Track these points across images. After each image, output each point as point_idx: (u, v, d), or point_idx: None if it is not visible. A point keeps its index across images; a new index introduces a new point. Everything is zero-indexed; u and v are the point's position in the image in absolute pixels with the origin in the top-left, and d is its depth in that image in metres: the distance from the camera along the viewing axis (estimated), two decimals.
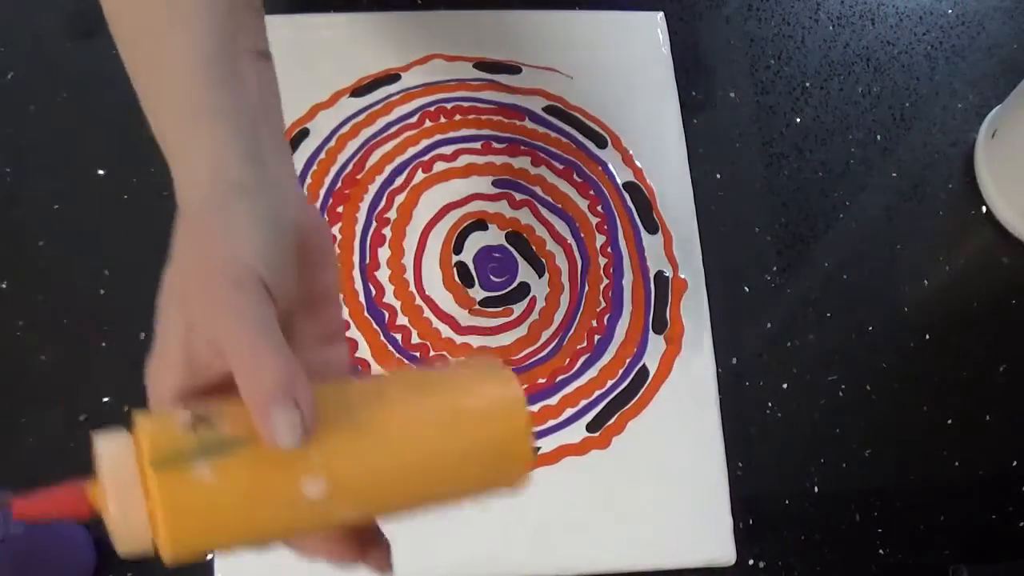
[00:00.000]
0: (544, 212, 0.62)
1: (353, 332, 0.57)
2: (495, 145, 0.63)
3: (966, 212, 0.66)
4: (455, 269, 0.60)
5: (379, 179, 0.62)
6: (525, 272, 0.60)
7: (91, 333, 0.57)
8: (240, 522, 0.29)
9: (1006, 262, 0.64)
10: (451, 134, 0.63)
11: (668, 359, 0.58)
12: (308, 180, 0.61)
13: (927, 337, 0.61)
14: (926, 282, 0.63)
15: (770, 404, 0.59)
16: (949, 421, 0.59)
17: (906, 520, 0.56)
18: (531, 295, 0.60)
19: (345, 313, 0.58)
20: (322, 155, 0.62)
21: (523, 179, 0.63)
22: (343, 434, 0.30)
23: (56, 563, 0.48)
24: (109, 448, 0.28)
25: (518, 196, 0.62)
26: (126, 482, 0.27)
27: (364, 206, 0.61)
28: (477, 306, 0.59)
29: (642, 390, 0.57)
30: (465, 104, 0.64)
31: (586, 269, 0.60)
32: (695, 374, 0.58)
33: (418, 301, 0.59)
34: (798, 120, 0.67)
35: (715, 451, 0.56)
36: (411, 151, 0.63)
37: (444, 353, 0.57)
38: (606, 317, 0.59)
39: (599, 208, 0.62)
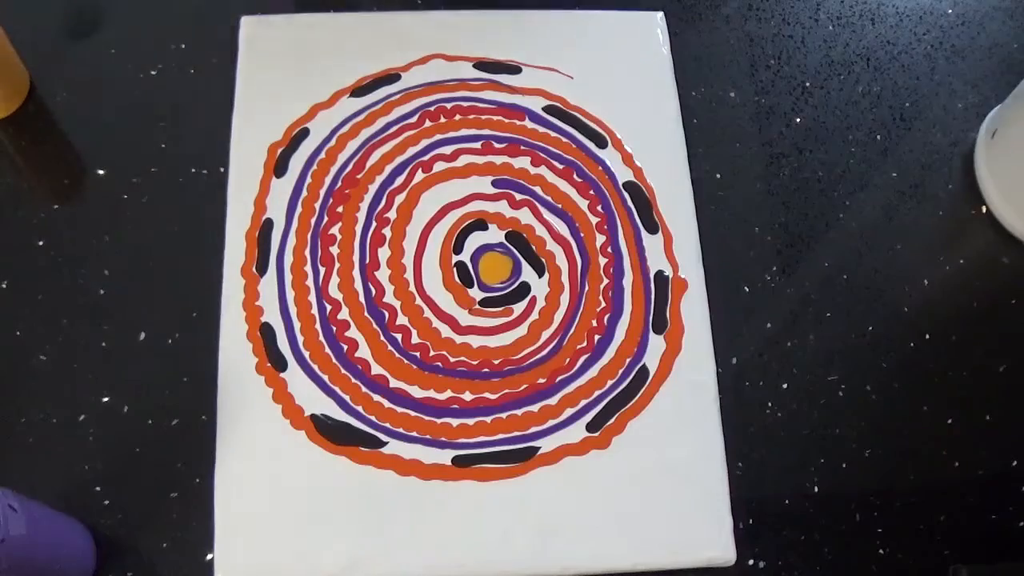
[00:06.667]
0: (544, 212, 0.62)
1: (353, 332, 0.57)
2: (495, 145, 0.63)
3: (966, 212, 0.66)
4: (455, 269, 0.60)
5: (379, 179, 0.62)
6: (525, 272, 0.60)
7: (91, 333, 0.57)
8: None
9: (1006, 262, 0.64)
10: (451, 134, 0.63)
11: (668, 359, 0.58)
12: (308, 180, 0.61)
13: (927, 337, 0.61)
14: (926, 282, 0.63)
15: (770, 404, 0.59)
16: (949, 421, 0.59)
17: (906, 520, 0.56)
18: (531, 295, 0.60)
19: (345, 313, 0.58)
20: (322, 155, 0.62)
21: (523, 179, 0.63)
22: None
23: (56, 563, 0.48)
24: None
25: (518, 196, 0.62)
26: None
27: (364, 206, 0.61)
28: (477, 306, 0.59)
29: (642, 390, 0.57)
30: (465, 104, 0.64)
31: (586, 269, 0.60)
32: (695, 374, 0.58)
33: (418, 301, 0.59)
34: (798, 120, 0.67)
35: (715, 451, 0.56)
36: (411, 151, 0.63)
37: (444, 353, 0.57)
38: (606, 317, 0.59)
39: (599, 208, 0.62)
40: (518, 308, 0.59)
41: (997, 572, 0.55)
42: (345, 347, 0.57)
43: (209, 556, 0.52)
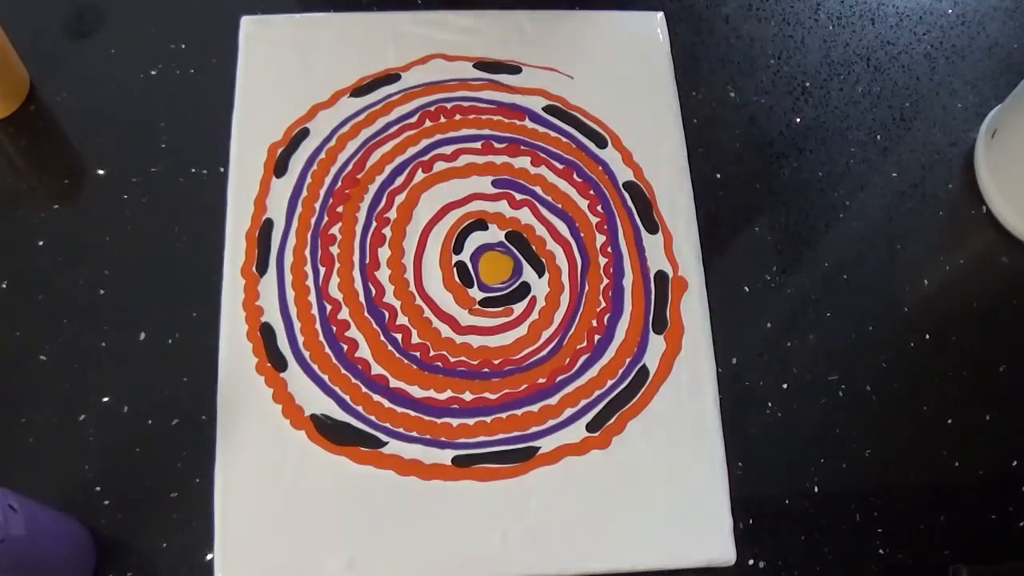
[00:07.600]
0: (544, 212, 0.62)
1: (353, 332, 0.57)
2: (495, 145, 0.63)
3: (966, 212, 0.66)
4: (455, 269, 0.60)
5: (379, 179, 0.62)
6: (525, 272, 0.60)
7: (91, 333, 0.57)
8: None
9: (1006, 262, 0.64)
10: (451, 134, 0.63)
11: (668, 359, 0.58)
12: (308, 180, 0.61)
13: (927, 337, 0.61)
14: (926, 282, 0.63)
15: (770, 404, 0.59)
16: (949, 421, 0.59)
17: (906, 520, 0.56)
18: (531, 295, 0.60)
19: (345, 313, 0.58)
20: (322, 155, 0.62)
21: (523, 179, 0.63)
22: None
23: (56, 563, 0.48)
24: None
25: (518, 196, 0.62)
26: None
27: (364, 206, 0.61)
28: (477, 306, 0.59)
29: (642, 390, 0.57)
30: (465, 104, 0.64)
31: (586, 269, 0.60)
32: (695, 374, 0.58)
33: (418, 301, 0.59)
34: (798, 120, 0.67)
35: (715, 451, 0.56)
36: (411, 151, 0.63)
37: (444, 353, 0.57)
38: (606, 317, 0.59)
39: (599, 208, 0.62)
40: (518, 308, 0.59)
41: (997, 572, 0.55)
42: (345, 347, 0.57)
43: (209, 556, 0.52)
